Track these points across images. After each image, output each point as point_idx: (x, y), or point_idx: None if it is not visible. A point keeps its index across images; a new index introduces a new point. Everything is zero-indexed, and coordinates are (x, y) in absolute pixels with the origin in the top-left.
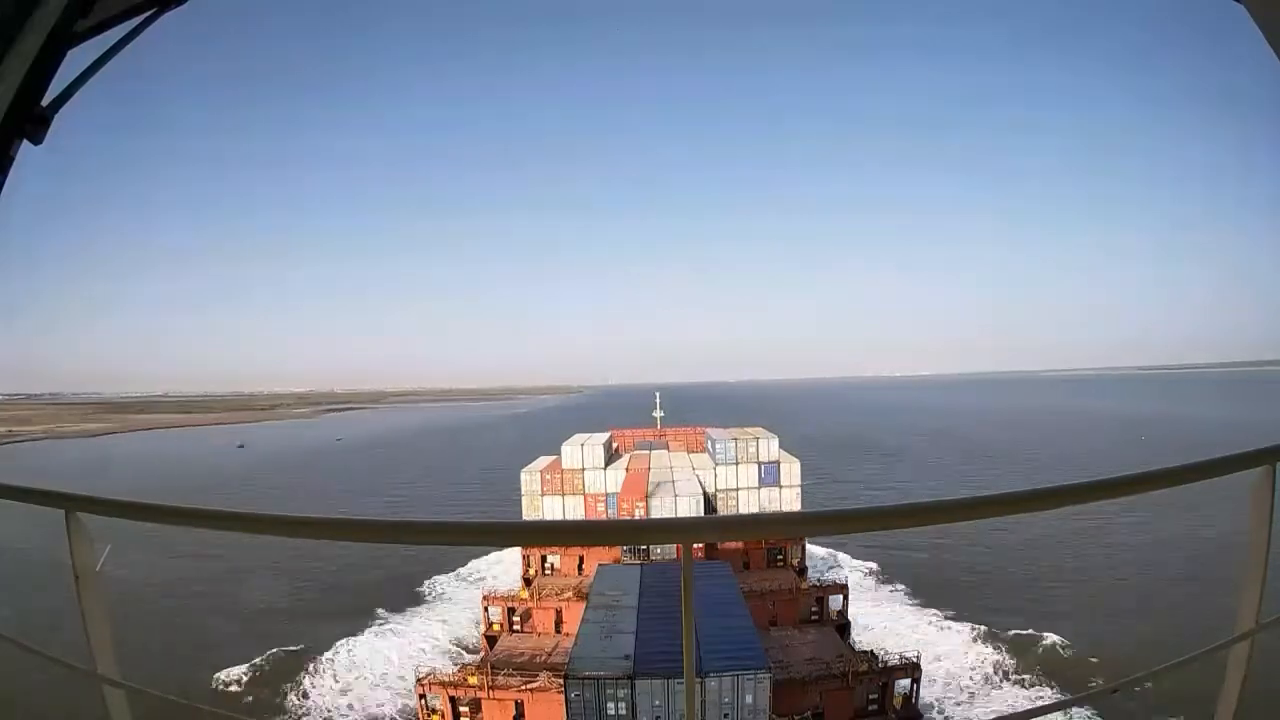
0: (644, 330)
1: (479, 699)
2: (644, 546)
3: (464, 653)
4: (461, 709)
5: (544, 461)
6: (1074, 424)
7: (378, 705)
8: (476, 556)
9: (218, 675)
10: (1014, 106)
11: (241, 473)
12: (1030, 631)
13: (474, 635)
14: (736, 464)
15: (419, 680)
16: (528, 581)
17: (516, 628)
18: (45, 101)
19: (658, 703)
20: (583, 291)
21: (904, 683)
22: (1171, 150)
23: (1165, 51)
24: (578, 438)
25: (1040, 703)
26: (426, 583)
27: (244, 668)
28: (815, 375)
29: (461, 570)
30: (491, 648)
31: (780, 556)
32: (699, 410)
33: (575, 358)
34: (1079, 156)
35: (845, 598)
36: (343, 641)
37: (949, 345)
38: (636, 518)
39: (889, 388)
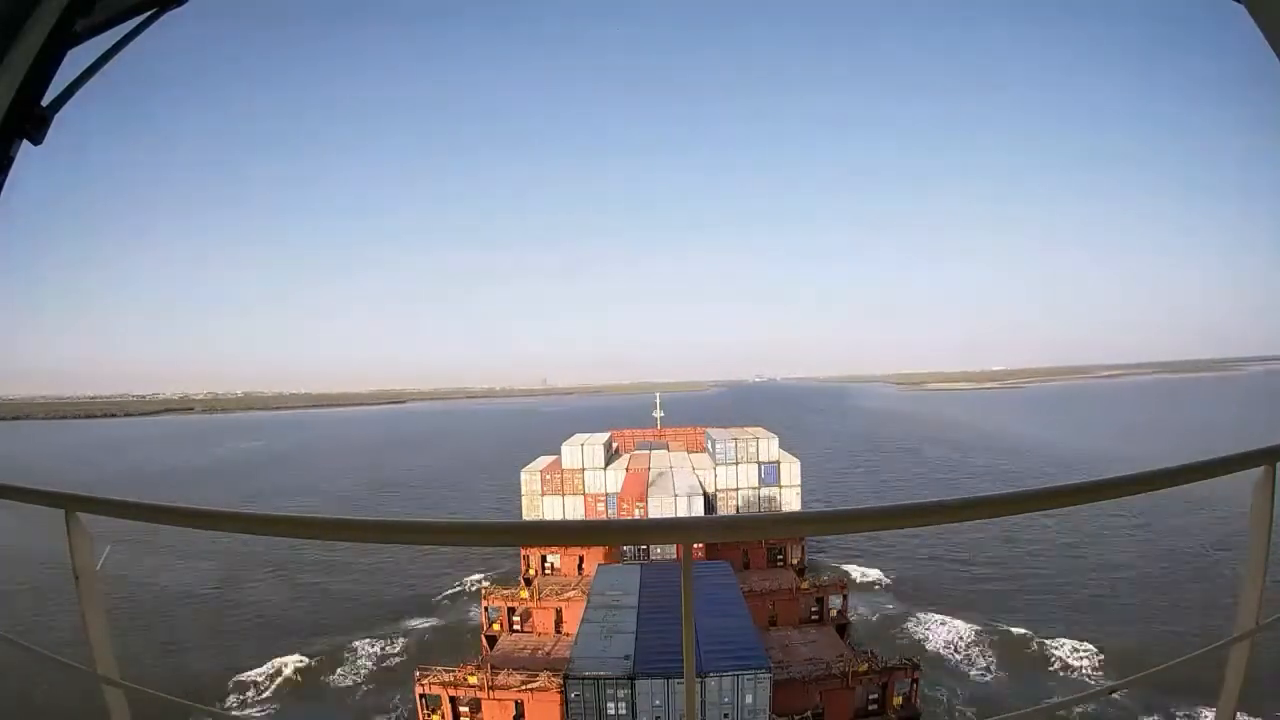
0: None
1: (479, 699)
2: (644, 546)
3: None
4: (461, 709)
5: (544, 462)
6: None
7: (377, 704)
8: (475, 556)
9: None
10: (1012, 107)
11: None
12: (1029, 631)
13: (473, 634)
14: (736, 464)
15: (418, 679)
16: (528, 581)
17: (516, 628)
18: (45, 101)
19: (658, 702)
20: None
21: (904, 683)
22: (1171, 148)
23: (1165, 51)
24: (578, 438)
25: (1039, 703)
26: (424, 582)
27: (243, 671)
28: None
29: (460, 570)
30: (491, 648)
31: (780, 556)
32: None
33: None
34: (1075, 154)
35: (845, 598)
36: (342, 641)
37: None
38: (636, 518)
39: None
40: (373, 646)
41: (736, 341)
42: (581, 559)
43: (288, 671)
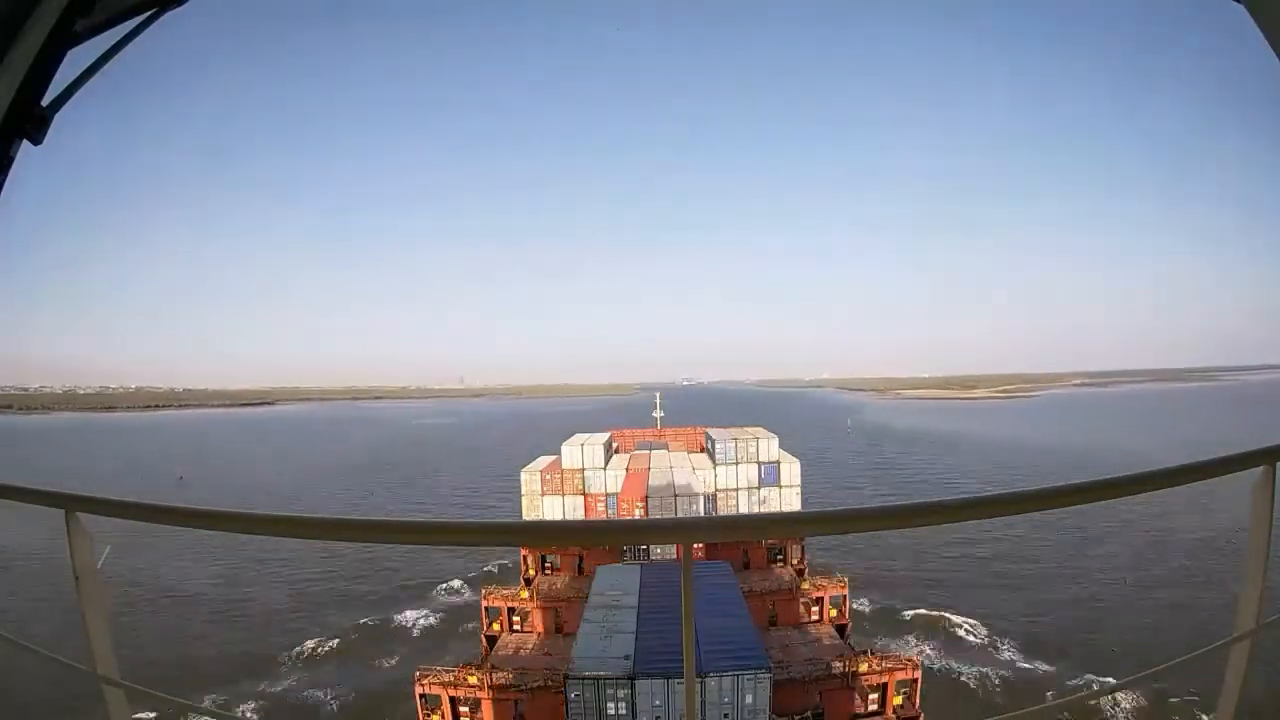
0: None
1: (479, 699)
2: (644, 546)
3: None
4: (461, 709)
5: (544, 462)
6: None
7: (377, 704)
8: (475, 557)
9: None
10: (1012, 109)
11: None
12: (1029, 631)
13: (473, 634)
14: (736, 464)
15: (418, 679)
16: (528, 581)
17: (516, 628)
18: (45, 101)
19: (658, 703)
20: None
21: (904, 683)
22: (1171, 148)
23: (1165, 51)
24: (578, 438)
25: (1039, 703)
26: (424, 582)
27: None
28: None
29: (459, 570)
30: (491, 648)
31: (780, 556)
32: None
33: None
34: (1076, 153)
35: (845, 598)
36: (341, 641)
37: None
38: (636, 518)
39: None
40: (372, 646)
41: (664, 344)
42: (581, 559)
43: (287, 671)
